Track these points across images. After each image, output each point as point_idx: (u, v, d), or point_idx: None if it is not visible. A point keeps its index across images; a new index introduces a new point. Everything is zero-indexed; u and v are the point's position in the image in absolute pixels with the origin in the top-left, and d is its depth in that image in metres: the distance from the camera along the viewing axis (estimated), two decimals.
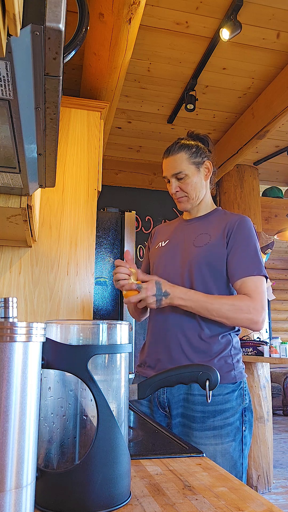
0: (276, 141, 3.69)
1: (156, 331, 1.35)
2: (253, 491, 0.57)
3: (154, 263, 1.44)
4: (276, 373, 6.28)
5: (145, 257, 1.57)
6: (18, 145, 0.79)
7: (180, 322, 1.29)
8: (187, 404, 1.24)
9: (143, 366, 1.37)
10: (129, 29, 1.86)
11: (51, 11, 0.46)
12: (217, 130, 3.55)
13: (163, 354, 1.30)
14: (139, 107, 3.20)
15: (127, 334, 0.60)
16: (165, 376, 0.68)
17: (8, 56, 0.50)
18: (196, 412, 1.21)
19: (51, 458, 0.54)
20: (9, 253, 1.94)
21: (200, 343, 1.27)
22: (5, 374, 0.42)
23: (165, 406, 1.27)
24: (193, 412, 1.22)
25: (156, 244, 1.49)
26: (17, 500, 0.41)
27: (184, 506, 0.52)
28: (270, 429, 3.53)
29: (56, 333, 0.56)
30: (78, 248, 2.05)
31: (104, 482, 0.51)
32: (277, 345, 3.37)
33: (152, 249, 1.50)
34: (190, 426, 1.21)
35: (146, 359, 1.37)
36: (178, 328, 1.29)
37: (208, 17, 2.28)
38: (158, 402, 1.29)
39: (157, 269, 1.40)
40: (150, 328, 1.39)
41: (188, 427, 1.22)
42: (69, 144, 2.18)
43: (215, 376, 0.68)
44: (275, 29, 2.37)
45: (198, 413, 1.21)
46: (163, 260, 1.40)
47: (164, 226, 1.57)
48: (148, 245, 1.58)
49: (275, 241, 4.02)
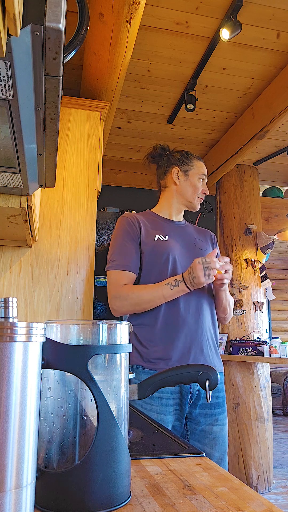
0: (276, 141, 3.69)
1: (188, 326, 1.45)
2: (253, 491, 0.57)
3: (163, 253, 1.48)
4: (276, 373, 6.28)
5: (132, 243, 1.49)
6: (18, 145, 0.79)
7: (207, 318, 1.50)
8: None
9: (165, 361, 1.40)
10: (129, 29, 1.86)
11: (51, 11, 0.46)
12: (217, 130, 3.55)
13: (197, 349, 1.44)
14: (139, 107, 3.20)
15: (127, 334, 0.60)
16: (165, 376, 0.68)
17: (8, 56, 0.50)
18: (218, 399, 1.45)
19: (51, 458, 0.54)
20: (9, 253, 1.94)
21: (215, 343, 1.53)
22: (5, 374, 0.42)
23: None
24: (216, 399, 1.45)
25: (152, 236, 1.50)
26: (17, 500, 0.41)
27: (184, 506, 0.52)
28: (270, 429, 3.54)
29: (56, 333, 0.56)
30: (78, 248, 2.05)
31: (104, 482, 0.51)
32: (277, 345, 3.37)
33: (147, 239, 1.49)
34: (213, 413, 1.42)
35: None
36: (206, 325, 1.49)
37: (208, 17, 2.28)
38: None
39: (174, 260, 1.48)
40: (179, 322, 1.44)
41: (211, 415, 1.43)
42: (69, 144, 2.18)
43: (215, 376, 0.68)
44: (275, 29, 2.37)
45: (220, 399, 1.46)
46: (175, 253, 1.50)
47: (144, 219, 1.57)
48: (133, 235, 1.50)
49: (275, 241, 4.02)
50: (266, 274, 3.94)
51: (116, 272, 1.46)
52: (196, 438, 1.38)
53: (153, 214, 1.62)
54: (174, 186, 1.61)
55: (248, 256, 3.91)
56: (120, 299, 1.43)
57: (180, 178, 1.60)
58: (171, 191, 1.62)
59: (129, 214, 1.57)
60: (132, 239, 1.50)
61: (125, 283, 1.45)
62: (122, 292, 1.43)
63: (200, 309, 1.46)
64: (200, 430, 1.39)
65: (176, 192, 1.61)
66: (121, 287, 1.43)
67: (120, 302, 1.43)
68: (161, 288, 1.39)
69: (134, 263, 1.47)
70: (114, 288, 1.45)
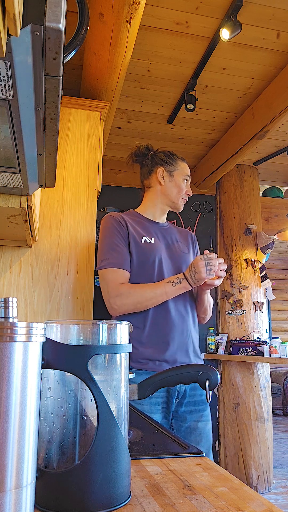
0: (276, 141, 3.68)
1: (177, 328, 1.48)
2: (253, 491, 0.57)
3: (150, 256, 1.49)
4: (276, 373, 6.28)
5: (122, 242, 1.49)
6: (18, 145, 0.79)
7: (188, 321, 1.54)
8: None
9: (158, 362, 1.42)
10: (129, 29, 1.86)
11: (51, 11, 0.46)
12: (217, 130, 3.55)
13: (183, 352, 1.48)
14: (139, 107, 3.20)
15: (127, 334, 0.60)
16: (165, 376, 0.68)
17: (8, 56, 0.50)
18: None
19: (51, 458, 0.54)
20: (9, 253, 1.94)
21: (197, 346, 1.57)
22: (5, 374, 0.42)
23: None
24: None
25: (139, 237, 1.51)
26: (17, 500, 0.41)
27: (184, 506, 0.52)
28: (270, 429, 3.54)
29: (56, 333, 0.56)
30: (78, 248, 2.05)
31: (104, 482, 0.51)
32: (277, 345, 3.37)
33: (135, 241, 1.50)
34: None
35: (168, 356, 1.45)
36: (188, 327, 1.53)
37: (208, 17, 2.28)
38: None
39: (160, 263, 1.50)
40: (170, 324, 1.46)
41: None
42: (69, 144, 2.18)
43: (215, 376, 0.68)
44: (275, 29, 2.37)
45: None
46: (161, 256, 1.52)
47: (130, 220, 1.57)
48: (122, 234, 1.50)
49: (275, 241, 4.02)
50: (266, 274, 3.94)
51: (112, 270, 1.45)
52: (182, 435, 1.42)
53: (137, 215, 1.62)
54: (159, 186, 1.62)
55: (248, 256, 3.91)
56: (121, 298, 1.42)
57: (165, 178, 1.61)
58: (156, 191, 1.63)
59: (115, 213, 1.57)
60: (122, 238, 1.49)
61: (122, 281, 1.44)
62: (123, 290, 1.42)
63: (185, 311, 1.50)
64: (186, 427, 1.43)
65: (161, 192, 1.62)
66: (121, 286, 1.43)
67: (121, 301, 1.42)
68: (163, 285, 1.42)
69: (127, 262, 1.47)
70: (113, 286, 1.43)
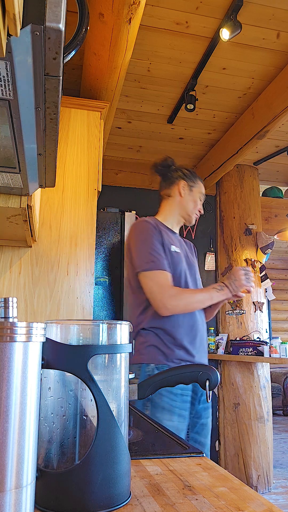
0: (276, 141, 3.68)
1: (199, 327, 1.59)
2: (253, 491, 0.57)
3: (178, 264, 1.57)
4: (276, 373, 6.28)
5: (161, 247, 1.55)
6: (18, 145, 0.79)
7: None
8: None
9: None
10: (129, 29, 1.86)
11: (51, 11, 0.46)
12: (217, 130, 3.55)
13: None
14: (139, 107, 3.20)
15: (127, 334, 0.60)
16: (166, 376, 0.68)
17: (8, 56, 0.50)
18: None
19: (51, 458, 0.54)
20: (9, 253, 1.93)
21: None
22: (5, 374, 0.42)
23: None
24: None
25: (169, 246, 1.59)
26: (17, 500, 0.41)
27: (184, 506, 0.52)
28: (270, 429, 3.54)
29: (56, 333, 0.56)
30: (78, 248, 2.05)
31: (104, 482, 0.51)
32: (277, 345, 3.37)
33: (168, 249, 1.57)
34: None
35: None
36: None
37: (208, 17, 2.28)
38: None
39: (184, 273, 1.60)
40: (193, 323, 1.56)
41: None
42: (69, 144, 2.18)
43: (215, 376, 0.68)
44: (275, 29, 2.37)
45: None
46: (185, 269, 1.63)
47: (159, 224, 1.64)
48: (159, 240, 1.55)
49: (275, 241, 4.02)
50: (266, 274, 3.94)
51: (161, 272, 1.49)
52: (196, 431, 1.51)
53: (160, 223, 1.66)
54: (178, 197, 1.70)
55: (248, 256, 3.91)
56: (176, 299, 1.47)
57: (185, 191, 1.70)
58: (175, 201, 1.70)
59: (150, 218, 1.64)
60: (160, 243, 1.55)
61: (172, 284, 1.50)
62: (176, 292, 1.48)
63: (202, 313, 1.62)
64: (200, 424, 1.52)
65: (180, 203, 1.70)
66: (172, 287, 1.49)
67: (175, 302, 1.47)
68: (209, 291, 1.53)
69: (169, 266, 1.54)
70: (165, 287, 1.47)
